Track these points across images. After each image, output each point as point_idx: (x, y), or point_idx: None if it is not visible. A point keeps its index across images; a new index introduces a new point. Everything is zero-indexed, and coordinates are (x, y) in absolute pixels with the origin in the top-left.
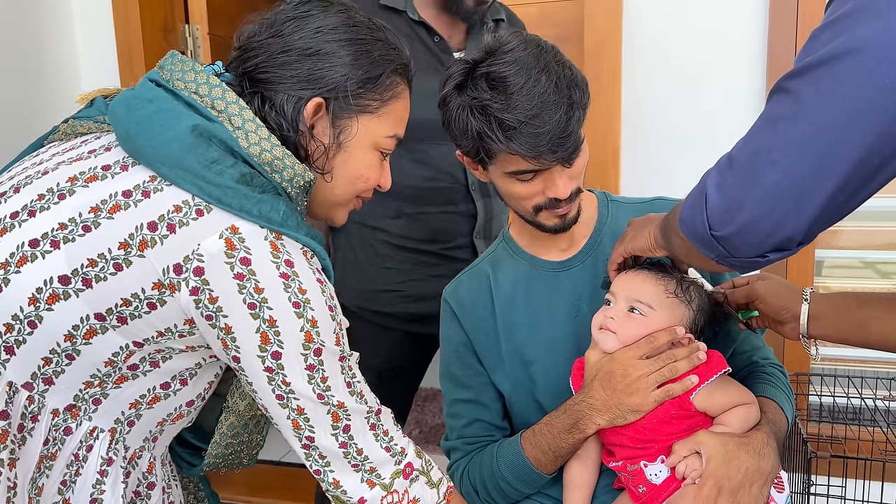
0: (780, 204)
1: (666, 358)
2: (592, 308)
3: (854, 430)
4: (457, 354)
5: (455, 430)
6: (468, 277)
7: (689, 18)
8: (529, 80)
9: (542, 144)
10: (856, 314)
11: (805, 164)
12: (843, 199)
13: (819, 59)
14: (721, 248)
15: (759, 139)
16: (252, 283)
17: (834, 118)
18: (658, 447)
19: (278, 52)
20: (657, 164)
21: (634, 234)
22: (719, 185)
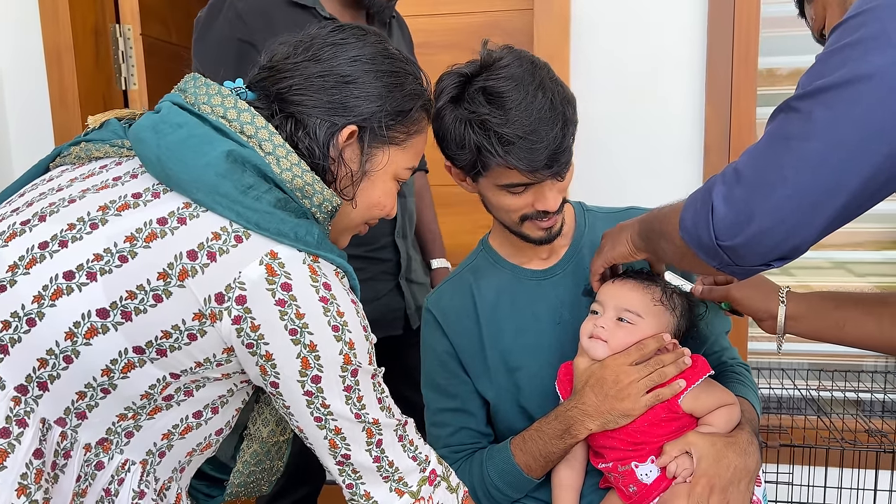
0: (791, 217)
1: (654, 364)
2: (574, 315)
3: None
4: (441, 364)
5: (441, 438)
6: (450, 287)
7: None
8: (527, 97)
9: (539, 159)
10: (832, 315)
11: (817, 181)
12: (849, 212)
13: (832, 82)
14: (726, 257)
15: (768, 155)
16: (293, 308)
17: (846, 139)
18: (648, 448)
19: (315, 75)
20: (604, 173)
21: (612, 244)
22: (726, 198)
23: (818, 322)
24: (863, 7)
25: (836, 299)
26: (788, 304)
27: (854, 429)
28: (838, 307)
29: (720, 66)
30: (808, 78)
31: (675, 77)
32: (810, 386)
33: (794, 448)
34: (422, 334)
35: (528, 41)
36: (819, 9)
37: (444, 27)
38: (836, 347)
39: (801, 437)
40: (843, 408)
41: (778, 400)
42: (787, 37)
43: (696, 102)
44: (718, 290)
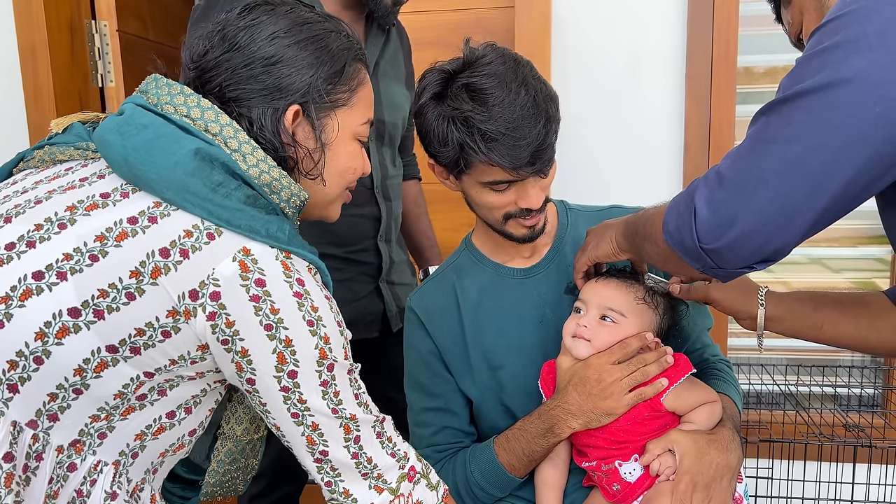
0: (773, 220)
1: (637, 362)
2: (557, 313)
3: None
4: (424, 363)
5: (424, 438)
6: (433, 286)
7: (614, 30)
8: (510, 94)
9: (521, 156)
10: (811, 316)
11: (799, 184)
12: (831, 215)
13: (811, 86)
14: (709, 260)
15: (750, 159)
16: (268, 304)
17: (827, 142)
18: (632, 447)
19: (240, 66)
20: (585, 170)
21: (596, 242)
22: (709, 201)
23: (796, 322)
24: (842, 10)
25: (814, 300)
26: (767, 306)
27: (832, 423)
28: (816, 308)
29: (700, 63)
30: (788, 81)
31: (656, 75)
32: (789, 381)
33: (773, 443)
34: (405, 334)
35: (510, 38)
36: (796, 13)
37: (426, 24)
38: (814, 343)
39: (781, 432)
40: (822, 402)
41: (757, 395)
42: (764, 35)
43: (677, 100)
44: (697, 290)
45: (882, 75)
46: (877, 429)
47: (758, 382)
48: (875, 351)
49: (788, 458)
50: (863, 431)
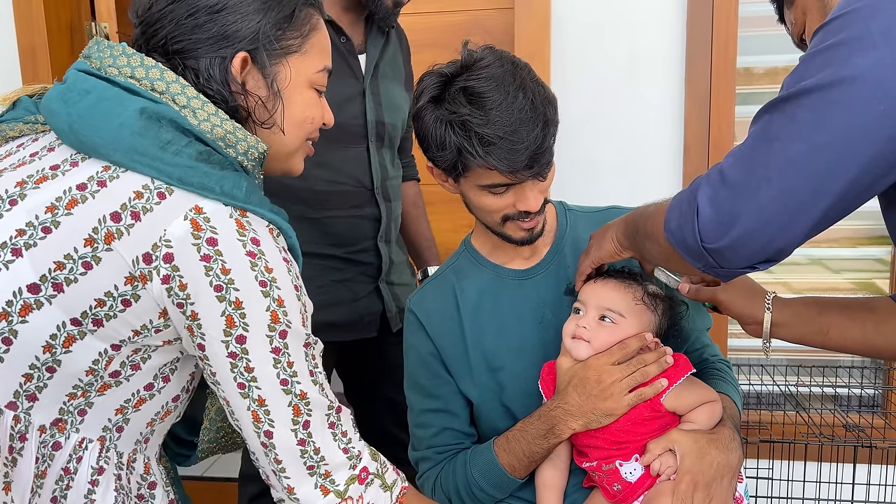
0: (776, 219)
1: (637, 363)
2: (556, 314)
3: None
4: (424, 364)
5: (424, 439)
6: (433, 287)
7: (614, 31)
8: (508, 97)
9: (519, 160)
10: (816, 321)
11: (802, 183)
12: (834, 214)
13: (815, 84)
14: (711, 259)
15: (753, 157)
16: (219, 264)
17: (831, 140)
18: (632, 447)
19: (185, 16)
20: (584, 172)
21: (599, 244)
22: (712, 199)
23: (802, 328)
24: (846, 9)
25: (819, 305)
26: (774, 311)
27: (832, 423)
28: (822, 313)
29: (699, 64)
30: (791, 79)
31: (655, 75)
32: (789, 382)
33: (773, 443)
34: (404, 335)
35: (509, 40)
36: (799, 13)
37: (425, 25)
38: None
39: (781, 433)
40: (822, 403)
41: (757, 396)
42: (764, 36)
43: (676, 101)
44: (705, 291)
45: (886, 73)
46: (877, 429)
47: (758, 383)
48: (881, 355)
49: (789, 458)
50: (863, 432)
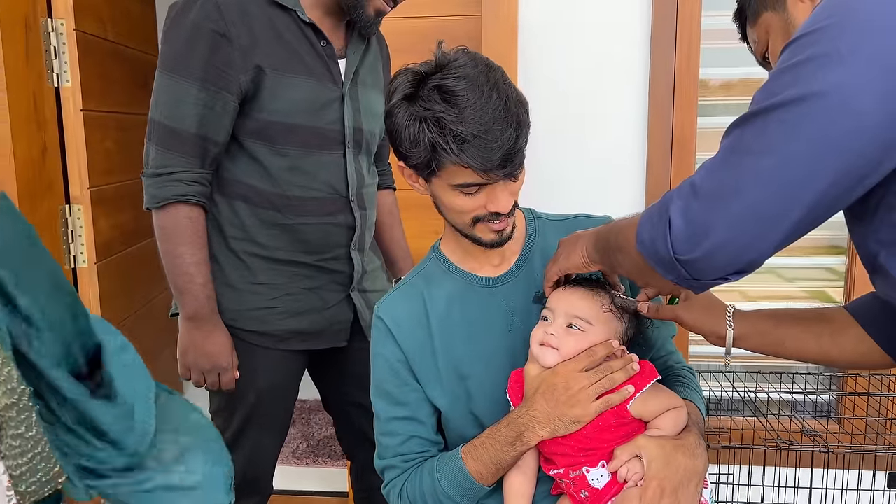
0: (748, 230)
1: (604, 370)
2: (525, 322)
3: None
4: (392, 371)
5: (391, 447)
6: (401, 294)
7: (579, 41)
8: (482, 97)
9: (493, 159)
10: (774, 333)
11: (772, 195)
12: (805, 226)
13: (785, 98)
14: (684, 271)
15: (724, 169)
16: None
17: (800, 153)
18: (599, 453)
19: None
20: (548, 178)
21: (567, 253)
22: (683, 212)
23: (761, 340)
24: (814, 26)
25: (776, 318)
26: (735, 327)
27: (790, 429)
28: (779, 326)
29: (663, 74)
30: (762, 94)
31: (620, 85)
32: (748, 388)
33: (734, 449)
34: (372, 342)
35: (476, 46)
36: (762, 32)
37: (393, 31)
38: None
39: (740, 438)
40: (779, 408)
41: (717, 401)
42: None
43: (640, 110)
44: (665, 310)
45: (853, 91)
46: (832, 433)
47: (717, 389)
48: (835, 364)
49: (749, 463)
50: (820, 437)
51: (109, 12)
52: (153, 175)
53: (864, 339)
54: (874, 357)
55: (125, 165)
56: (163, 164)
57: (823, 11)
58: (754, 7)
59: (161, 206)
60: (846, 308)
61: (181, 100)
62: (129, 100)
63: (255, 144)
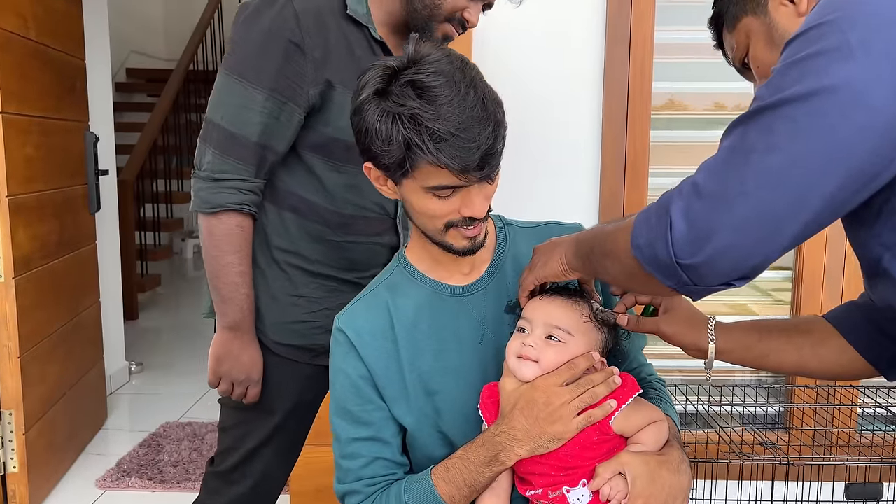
0: (753, 234)
1: (585, 384)
2: (497, 333)
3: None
4: (354, 389)
5: (352, 471)
6: (364, 305)
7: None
8: (459, 94)
9: (471, 159)
10: (757, 347)
11: (780, 196)
12: (812, 229)
13: (794, 94)
14: (685, 276)
15: (729, 169)
16: None
17: (810, 152)
18: (580, 472)
19: None
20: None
21: (545, 261)
22: (685, 213)
23: (744, 354)
24: (821, 19)
25: (759, 331)
26: (718, 341)
27: (741, 441)
28: (761, 339)
29: (616, 87)
30: (767, 90)
31: (575, 98)
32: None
33: (697, 463)
34: (331, 357)
35: None
36: (741, 37)
37: None
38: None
39: (694, 451)
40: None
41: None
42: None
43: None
44: (646, 323)
45: (866, 84)
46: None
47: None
48: (815, 375)
49: (710, 477)
50: (779, 449)
51: (31, 9)
52: (209, 179)
53: (845, 350)
54: (856, 367)
55: (48, 173)
56: (220, 169)
57: (829, 5)
58: (733, 12)
59: (214, 212)
60: (825, 318)
61: (246, 106)
62: (55, 104)
63: (315, 158)
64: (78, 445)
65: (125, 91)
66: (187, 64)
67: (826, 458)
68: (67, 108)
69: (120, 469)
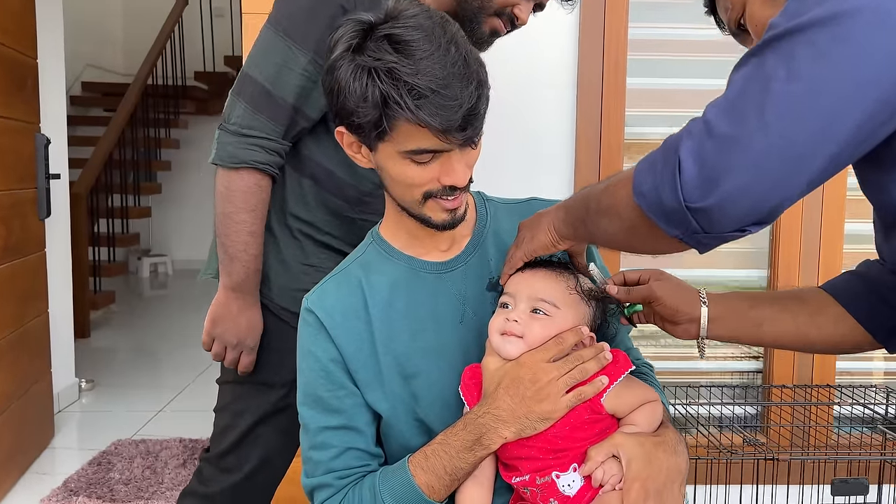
0: (772, 171)
1: (574, 359)
2: (479, 312)
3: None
4: (325, 374)
5: (322, 463)
6: (335, 284)
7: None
8: (439, 49)
9: (453, 118)
10: (749, 315)
11: (803, 127)
12: (834, 167)
13: (814, 18)
14: (695, 223)
15: (744, 103)
16: None
17: (835, 79)
18: (570, 455)
19: None
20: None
21: (532, 234)
22: (696, 153)
23: (736, 323)
24: None
25: (752, 299)
26: (710, 306)
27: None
28: (754, 307)
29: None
30: (783, 17)
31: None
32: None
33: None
34: (299, 340)
35: None
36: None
37: None
38: (678, 366)
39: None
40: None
41: None
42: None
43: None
44: (639, 290)
45: (893, 4)
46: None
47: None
48: (813, 348)
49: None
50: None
51: None
52: (236, 133)
53: (843, 318)
54: (855, 337)
55: None
56: (249, 124)
57: None
58: None
59: (236, 167)
60: (822, 287)
61: (287, 66)
62: (4, 102)
63: None
64: (22, 464)
65: (80, 104)
66: (146, 77)
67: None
68: (17, 107)
69: (67, 488)
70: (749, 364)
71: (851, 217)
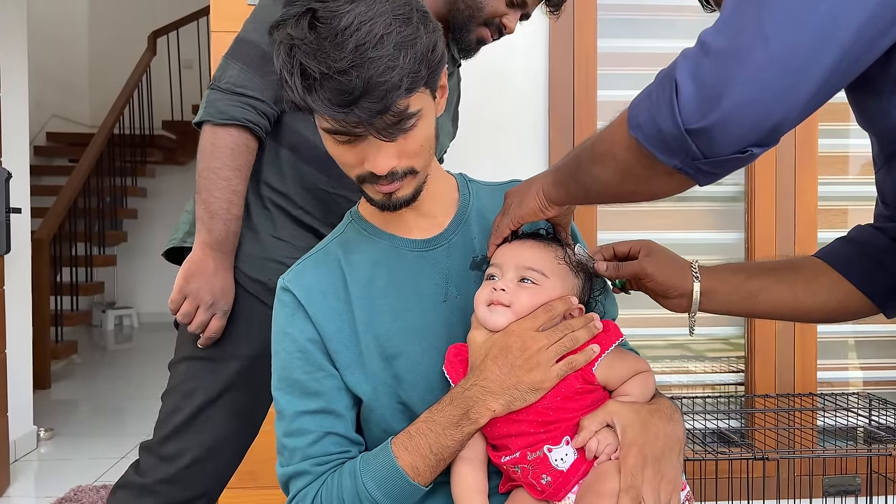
0: (773, 84)
1: (564, 328)
2: (462, 291)
3: None
4: (302, 355)
5: (298, 450)
6: (313, 263)
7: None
8: (362, 27)
9: (342, 105)
10: (745, 286)
11: (803, 36)
12: (839, 77)
13: None
14: (694, 147)
15: (741, 18)
16: None
17: None
18: (562, 427)
19: None
20: None
21: (520, 200)
22: (694, 73)
23: (731, 295)
24: None
25: (746, 270)
26: (702, 279)
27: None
28: (749, 277)
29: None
30: None
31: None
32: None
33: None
34: (274, 320)
35: None
36: None
37: None
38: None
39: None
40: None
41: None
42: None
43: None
44: (627, 265)
45: None
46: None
47: None
48: (811, 317)
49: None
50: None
51: None
52: (229, 91)
53: (839, 283)
54: (852, 302)
55: None
56: (243, 84)
57: None
58: None
59: (226, 124)
60: (816, 255)
61: None
62: None
63: None
64: None
65: (45, 154)
66: (112, 125)
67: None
68: None
69: None
70: (731, 377)
71: (824, 175)
